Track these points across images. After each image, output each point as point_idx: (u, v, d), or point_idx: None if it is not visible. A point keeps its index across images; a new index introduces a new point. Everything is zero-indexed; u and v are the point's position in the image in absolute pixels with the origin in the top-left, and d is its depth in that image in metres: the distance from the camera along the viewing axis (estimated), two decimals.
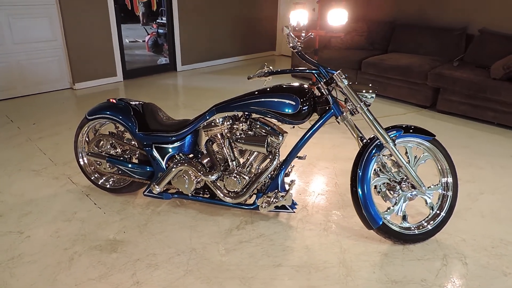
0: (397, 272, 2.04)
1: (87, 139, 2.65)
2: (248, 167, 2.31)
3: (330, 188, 2.85)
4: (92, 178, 2.66)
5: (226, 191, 2.33)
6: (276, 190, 2.27)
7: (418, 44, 5.10)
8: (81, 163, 2.65)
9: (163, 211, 2.54)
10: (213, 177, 2.28)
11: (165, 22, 6.62)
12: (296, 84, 2.22)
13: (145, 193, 2.50)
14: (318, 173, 3.05)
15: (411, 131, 2.23)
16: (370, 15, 5.64)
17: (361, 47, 5.44)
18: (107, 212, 2.52)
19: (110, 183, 2.65)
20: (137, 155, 2.61)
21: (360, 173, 2.16)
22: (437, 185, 2.29)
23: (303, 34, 2.16)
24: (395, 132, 2.20)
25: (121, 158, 2.52)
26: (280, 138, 2.22)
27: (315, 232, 2.35)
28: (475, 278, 2.00)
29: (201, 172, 2.28)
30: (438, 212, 2.29)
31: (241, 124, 2.25)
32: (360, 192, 2.15)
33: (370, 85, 2.24)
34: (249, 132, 2.24)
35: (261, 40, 7.18)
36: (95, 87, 5.25)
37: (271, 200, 2.22)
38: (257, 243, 2.24)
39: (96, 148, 2.58)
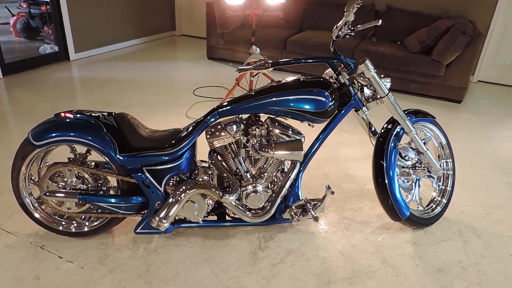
0: (435, 260, 2.04)
1: (31, 175, 1.90)
2: (266, 177, 1.98)
3: (322, 180, 2.70)
4: (60, 228, 1.94)
5: (248, 210, 1.97)
6: (304, 199, 2.00)
7: (332, 20, 5.20)
8: (37, 215, 1.91)
9: (160, 247, 2.02)
10: (233, 197, 1.89)
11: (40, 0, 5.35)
12: (315, 76, 1.95)
13: (138, 231, 1.94)
14: None
15: (419, 115, 2.21)
16: None
17: (278, 25, 5.32)
18: (85, 265, 1.88)
19: (87, 224, 1.97)
20: (110, 184, 2.00)
21: (385, 164, 2.05)
22: (442, 165, 2.35)
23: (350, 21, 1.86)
24: (408, 118, 2.14)
25: (101, 192, 1.88)
26: (303, 140, 1.95)
27: (339, 234, 2.19)
28: (495, 248, 2.14)
29: (220, 194, 1.85)
30: (443, 187, 2.36)
31: (257, 129, 1.89)
32: (388, 183, 2.05)
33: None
34: (273, 138, 1.90)
35: (160, 20, 6.42)
36: None
37: (309, 210, 1.94)
38: (292, 261, 1.97)
39: (54, 184, 1.86)
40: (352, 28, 1.85)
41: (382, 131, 2.14)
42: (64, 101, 3.82)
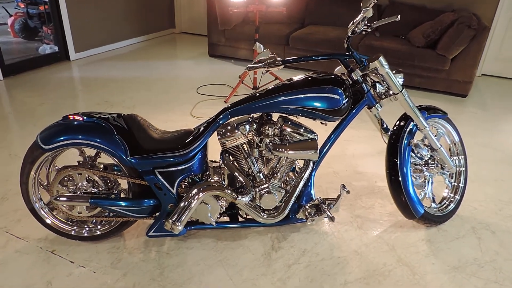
0: (451, 257, 2.01)
1: (40, 179, 1.86)
2: (279, 177, 1.95)
3: (332, 178, 2.67)
4: (72, 233, 1.91)
5: (261, 210, 1.94)
6: (319, 198, 1.98)
7: (333, 16, 5.18)
8: (47, 221, 1.88)
9: (172, 249, 1.99)
10: (247, 198, 1.86)
11: None
12: (328, 73, 1.92)
13: (150, 234, 1.91)
14: None
15: (430, 111, 2.19)
16: None
17: (280, 21, 5.27)
18: (97, 270, 1.85)
19: (99, 228, 1.94)
20: (120, 187, 1.97)
21: (399, 162, 2.03)
22: (454, 162, 2.33)
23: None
24: (421, 114, 2.11)
25: (113, 196, 1.85)
26: (317, 138, 1.92)
27: (352, 233, 2.16)
28: (509, 245, 2.12)
29: (234, 195, 1.82)
30: (456, 184, 2.34)
31: (270, 128, 1.86)
32: (402, 181, 2.03)
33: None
34: (286, 137, 1.87)
35: (159, 17, 6.37)
36: None
37: (324, 210, 1.92)
38: (307, 262, 1.95)
39: (64, 189, 1.83)
40: (368, 24, 1.81)
41: (395, 128, 2.11)
42: (67, 102, 3.78)
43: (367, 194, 2.52)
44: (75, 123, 1.77)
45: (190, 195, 1.79)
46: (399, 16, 1.69)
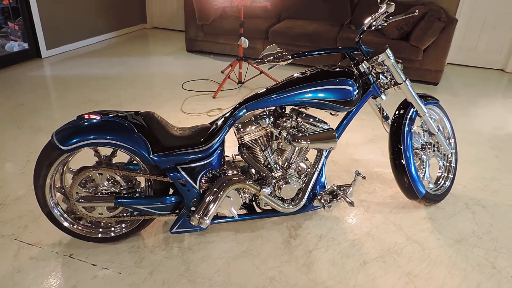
0: (452, 232, 2.19)
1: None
2: (294, 168, 2.02)
3: (329, 167, 2.78)
4: (99, 236, 1.86)
5: (281, 201, 2.00)
6: (333, 185, 2.07)
7: (309, 10, 5.30)
8: (66, 224, 1.83)
9: (193, 244, 2.01)
10: (269, 190, 1.91)
11: None
12: (337, 65, 2.00)
13: (174, 231, 1.91)
14: None
15: (425, 98, 2.34)
16: None
17: (257, 16, 5.31)
18: (122, 270, 1.83)
19: (123, 226, 1.92)
20: (141, 186, 1.95)
21: (402, 147, 2.17)
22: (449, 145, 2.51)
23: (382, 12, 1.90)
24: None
25: (137, 195, 1.83)
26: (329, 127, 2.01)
27: (361, 216, 2.28)
28: (499, 217, 2.33)
29: (258, 187, 1.87)
30: (448, 164, 2.52)
31: (287, 121, 1.92)
32: (406, 165, 2.17)
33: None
34: (302, 128, 1.94)
35: (130, 12, 6.18)
36: None
37: (343, 196, 2.01)
38: (325, 247, 2.04)
39: (83, 190, 1.79)
40: (384, 19, 1.91)
41: (396, 116, 2.24)
42: (48, 101, 3.61)
43: (367, 180, 2.65)
44: (94, 121, 1.73)
45: (216, 189, 1.82)
46: (417, 11, 1.80)
